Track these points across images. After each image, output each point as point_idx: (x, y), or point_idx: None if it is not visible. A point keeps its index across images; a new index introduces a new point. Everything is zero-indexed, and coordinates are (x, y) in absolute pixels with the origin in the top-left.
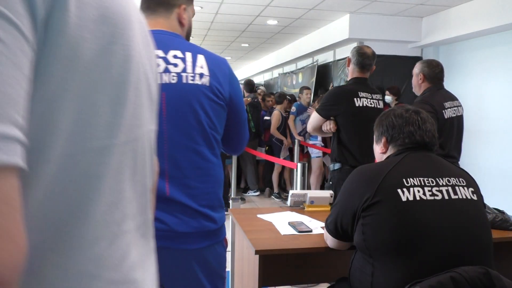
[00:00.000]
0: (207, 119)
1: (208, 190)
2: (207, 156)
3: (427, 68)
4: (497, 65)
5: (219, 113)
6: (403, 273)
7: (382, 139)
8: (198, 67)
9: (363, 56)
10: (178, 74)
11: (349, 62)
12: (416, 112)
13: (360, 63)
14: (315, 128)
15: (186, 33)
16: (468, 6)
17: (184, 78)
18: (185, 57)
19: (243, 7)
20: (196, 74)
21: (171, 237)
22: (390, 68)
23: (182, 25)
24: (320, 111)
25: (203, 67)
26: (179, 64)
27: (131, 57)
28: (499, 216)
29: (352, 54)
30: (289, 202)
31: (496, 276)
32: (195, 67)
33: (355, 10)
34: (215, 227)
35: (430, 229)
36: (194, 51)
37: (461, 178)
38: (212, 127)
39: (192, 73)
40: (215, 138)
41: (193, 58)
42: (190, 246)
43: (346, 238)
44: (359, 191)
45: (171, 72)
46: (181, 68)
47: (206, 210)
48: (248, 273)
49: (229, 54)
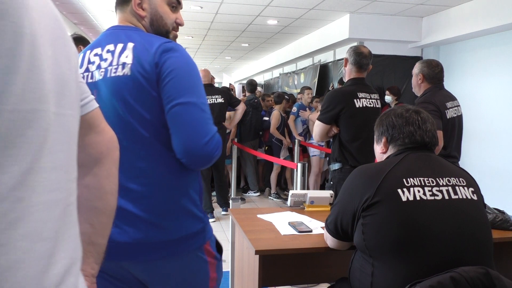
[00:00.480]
0: (135, 113)
1: (147, 194)
2: (142, 154)
3: (426, 68)
4: (497, 65)
5: (150, 102)
6: (403, 273)
7: (383, 139)
8: (123, 57)
9: (360, 55)
10: (105, 69)
11: (346, 62)
12: (416, 112)
13: (357, 63)
14: (321, 136)
15: (153, 23)
16: (468, 6)
17: (109, 72)
18: (115, 49)
19: (243, 7)
20: (119, 66)
21: (111, 248)
22: (390, 68)
23: (140, 16)
24: (323, 119)
25: (128, 56)
26: (108, 58)
27: (23, 34)
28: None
29: (349, 54)
30: (289, 202)
31: (496, 276)
32: (119, 58)
33: (355, 10)
34: (166, 238)
35: (430, 229)
36: (127, 40)
37: (461, 178)
38: (142, 121)
39: (116, 65)
40: (153, 134)
41: (122, 49)
42: (133, 258)
43: (346, 238)
44: (359, 191)
45: (101, 68)
46: (109, 61)
47: (151, 217)
48: (248, 273)
49: (229, 54)
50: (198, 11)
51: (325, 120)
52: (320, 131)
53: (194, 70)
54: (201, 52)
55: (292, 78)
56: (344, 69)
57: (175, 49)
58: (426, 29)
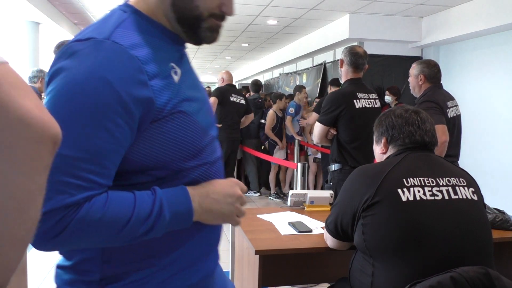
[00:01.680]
0: None
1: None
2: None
3: (427, 68)
4: (497, 65)
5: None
6: (403, 273)
7: (382, 140)
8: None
9: (356, 55)
10: None
11: (342, 63)
12: (416, 112)
13: (354, 63)
14: (321, 138)
15: (174, 2)
16: (468, 6)
17: None
18: None
19: (243, 7)
20: None
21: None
22: (390, 68)
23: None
24: (323, 121)
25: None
26: None
27: None
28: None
29: (345, 54)
30: (289, 202)
31: (496, 276)
32: None
33: (355, 10)
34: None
35: (430, 229)
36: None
37: (461, 178)
38: None
39: None
40: None
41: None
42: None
43: (346, 238)
44: (359, 191)
45: None
46: None
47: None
48: (248, 273)
49: (229, 54)
50: None
51: (325, 122)
52: (319, 132)
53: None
54: (201, 52)
55: (293, 78)
56: (340, 70)
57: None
58: (426, 29)
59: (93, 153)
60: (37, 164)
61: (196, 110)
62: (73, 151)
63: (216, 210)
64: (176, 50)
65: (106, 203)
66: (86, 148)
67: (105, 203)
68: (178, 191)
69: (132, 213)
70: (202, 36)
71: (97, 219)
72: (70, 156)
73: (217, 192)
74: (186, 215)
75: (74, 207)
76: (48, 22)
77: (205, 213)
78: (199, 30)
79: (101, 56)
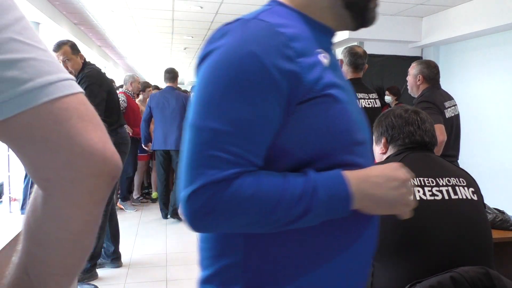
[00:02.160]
0: None
1: None
2: None
3: (426, 69)
4: (497, 65)
5: None
6: (403, 273)
7: (382, 140)
8: None
9: (355, 55)
10: None
11: (341, 63)
12: (415, 112)
13: (353, 63)
14: None
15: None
16: (468, 6)
17: None
18: None
19: (243, 7)
20: None
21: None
22: (390, 68)
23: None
24: None
25: None
26: None
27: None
28: (499, 216)
29: (344, 55)
30: None
31: (496, 276)
32: None
33: None
34: None
35: (430, 229)
36: None
37: (461, 178)
38: None
39: None
40: None
41: None
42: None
43: None
44: None
45: None
46: None
47: None
48: None
49: None
50: (198, 11)
51: None
52: None
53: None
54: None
55: None
56: None
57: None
58: (426, 29)
59: (242, 128)
60: (95, 198)
61: (347, 100)
62: (221, 125)
63: (378, 195)
64: (325, 40)
65: (257, 180)
66: (235, 122)
67: (256, 180)
68: (332, 173)
69: (284, 191)
70: (369, 17)
71: (249, 196)
72: (219, 130)
73: (378, 175)
74: (343, 198)
75: (225, 182)
76: (48, 22)
77: (365, 199)
78: (367, 12)
79: (248, 32)
